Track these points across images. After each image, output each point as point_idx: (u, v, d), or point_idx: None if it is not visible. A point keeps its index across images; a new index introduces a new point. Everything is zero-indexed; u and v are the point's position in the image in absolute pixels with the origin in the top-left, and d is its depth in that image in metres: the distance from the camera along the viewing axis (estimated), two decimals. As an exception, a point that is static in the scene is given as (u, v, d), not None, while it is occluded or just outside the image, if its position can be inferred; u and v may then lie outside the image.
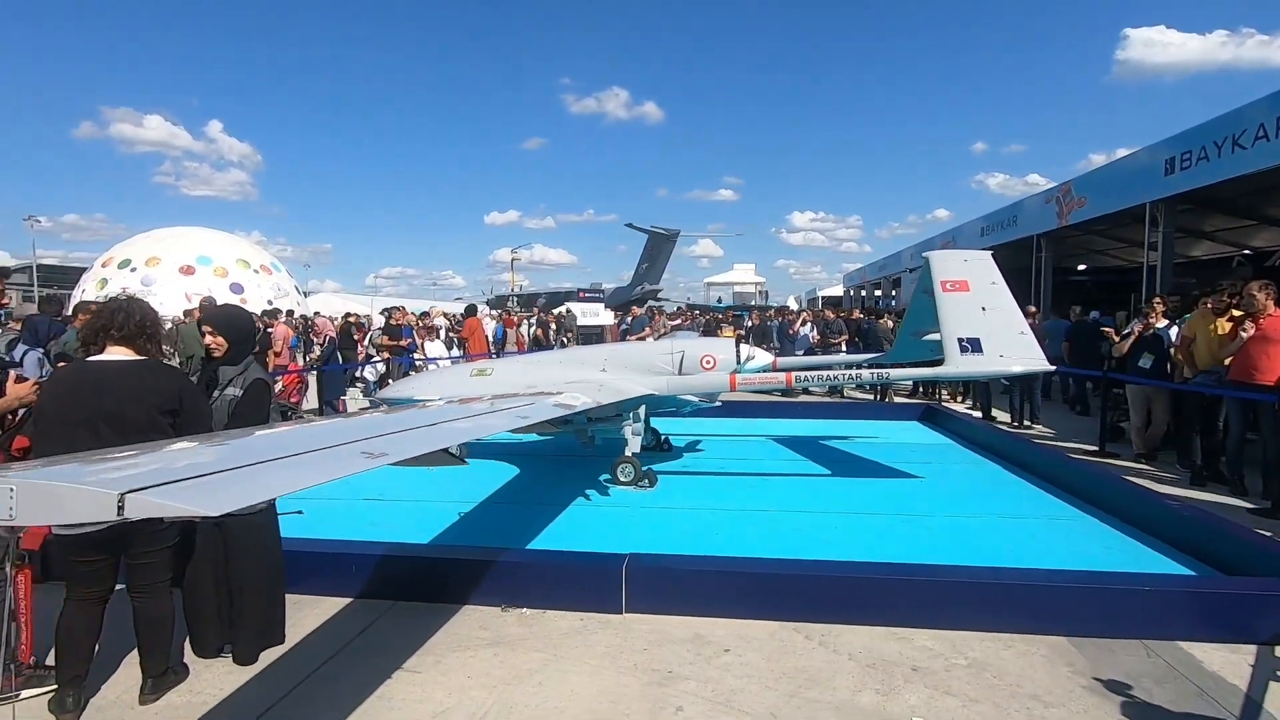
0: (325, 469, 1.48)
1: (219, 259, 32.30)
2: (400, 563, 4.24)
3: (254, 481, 1.20)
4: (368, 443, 1.63)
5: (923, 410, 10.79)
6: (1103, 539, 5.31)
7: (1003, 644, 3.66)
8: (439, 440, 2.03)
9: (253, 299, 28.51)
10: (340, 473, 1.53)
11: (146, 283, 29.59)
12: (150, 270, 30.44)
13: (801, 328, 14.68)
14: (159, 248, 31.82)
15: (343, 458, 1.56)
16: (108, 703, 3.15)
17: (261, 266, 34.07)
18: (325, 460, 1.54)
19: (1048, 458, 7.23)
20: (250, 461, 1.32)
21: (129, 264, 30.74)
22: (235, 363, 3.54)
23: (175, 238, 33.20)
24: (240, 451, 1.42)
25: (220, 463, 1.29)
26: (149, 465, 1.29)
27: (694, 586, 4.02)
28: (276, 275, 34.72)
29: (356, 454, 1.57)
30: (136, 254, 31.38)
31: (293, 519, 4.30)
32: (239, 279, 31.77)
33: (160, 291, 27.70)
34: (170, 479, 1.09)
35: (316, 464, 1.49)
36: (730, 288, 57.54)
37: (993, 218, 20.11)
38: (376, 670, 3.40)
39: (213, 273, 31.48)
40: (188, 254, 31.60)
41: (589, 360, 7.34)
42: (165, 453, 1.87)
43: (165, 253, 31.40)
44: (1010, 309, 6.59)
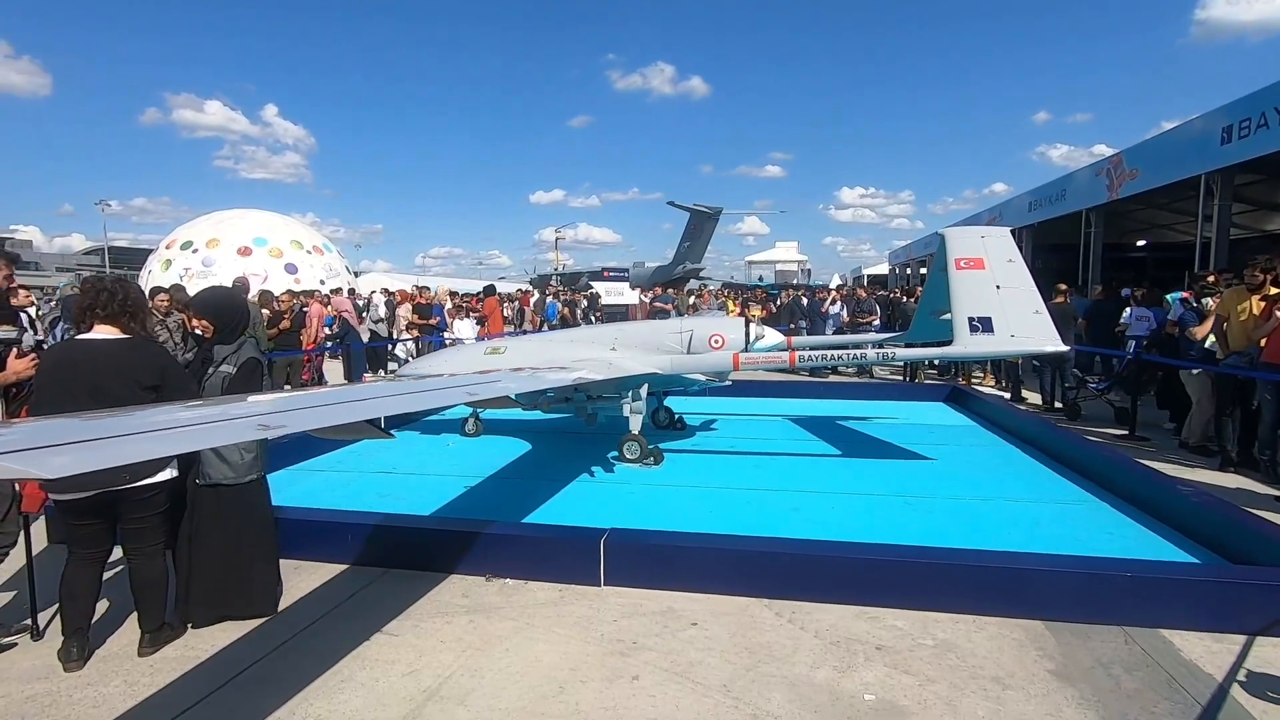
0: (205, 438, 1.59)
1: (274, 240, 33.54)
2: (392, 533, 4.43)
3: (110, 450, 1.30)
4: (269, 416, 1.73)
5: (949, 391, 10.56)
6: (1110, 525, 5.16)
7: (975, 626, 3.63)
8: (349, 414, 2.12)
9: (306, 279, 29.57)
10: (224, 440, 1.65)
11: (207, 263, 30.99)
12: (210, 251, 31.83)
13: (831, 306, 14.45)
14: (218, 230, 33.18)
15: (235, 429, 1.67)
16: (111, 654, 3.42)
17: (314, 247, 35.21)
18: (214, 431, 1.65)
19: (1067, 441, 7.01)
20: (127, 432, 1.43)
21: (191, 245, 32.19)
22: (228, 342, 3.72)
23: (233, 220, 34.55)
24: (130, 422, 1.53)
25: (96, 430, 1.40)
26: (20, 431, 1.42)
27: (670, 562, 4.09)
28: (328, 255, 35.83)
29: (251, 426, 1.69)
30: (198, 236, 32.81)
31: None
32: (293, 259, 32.95)
33: (220, 272, 28.97)
34: (25, 445, 1.20)
35: (199, 434, 1.61)
36: (772, 266, 56.71)
37: (1040, 192, 19.30)
38: (358, 632, 3.59)
39: (268, 253, 32.73)
40: (245, 235, 32.90)
41: (600, 339, 7.41)
42: (56, 421, 2.01)
43: (224, 234, 32.75)
44: (1026, 287, 6.38)
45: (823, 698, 3.03)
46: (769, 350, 7.21)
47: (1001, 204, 23.17)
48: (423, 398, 3.35)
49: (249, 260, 31.86)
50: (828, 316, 14.33)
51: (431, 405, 3.58)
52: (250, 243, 32.50)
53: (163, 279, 29.21)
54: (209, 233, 32.82)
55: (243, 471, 3.72)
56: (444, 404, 3.65)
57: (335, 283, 27.40)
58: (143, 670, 3.26)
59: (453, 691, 3.07)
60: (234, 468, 3.69)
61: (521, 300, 14.84)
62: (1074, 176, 17.38)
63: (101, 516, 3.27)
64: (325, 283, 27.00)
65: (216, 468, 3.66)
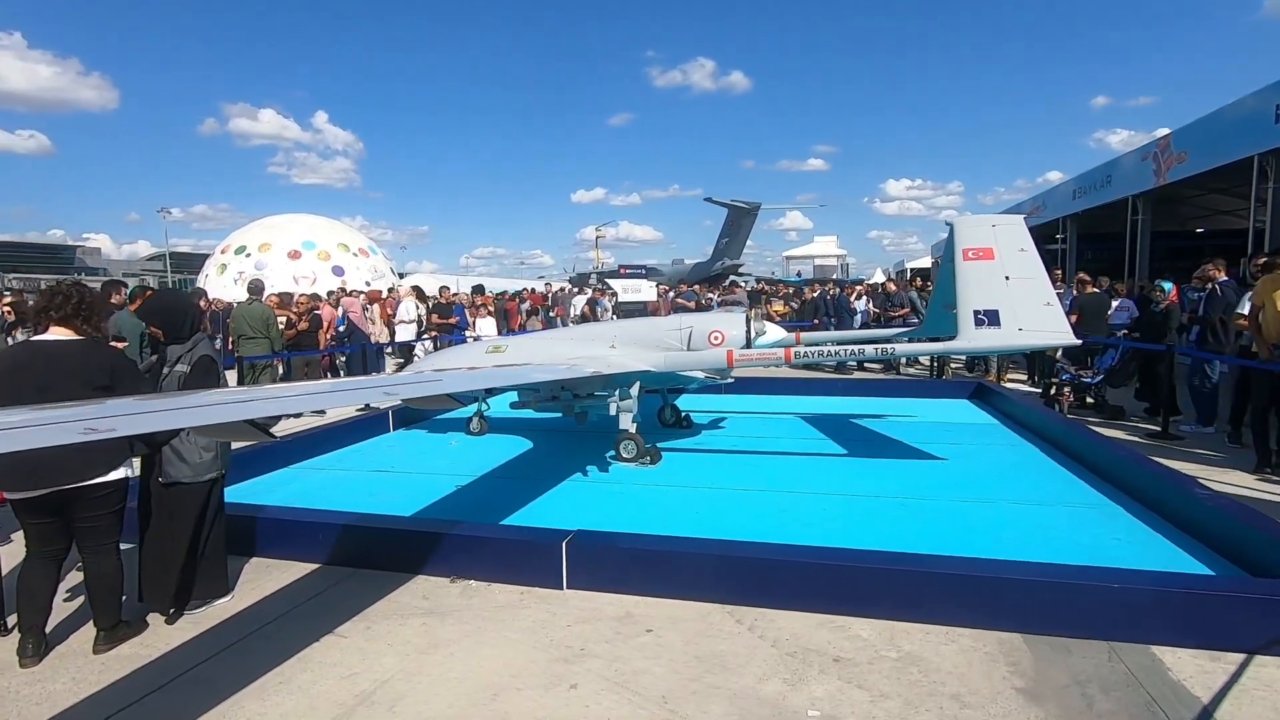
0: (23, 441, 1.56)
1: (322, 243, 34.59)
2: (360, 533, 4.42)
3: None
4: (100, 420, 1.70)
5: (974, 388, 10.13)
6: (1122, 530, 4.83)
7: (947, 638, 3.42)
8: (199, 418, 2.07)
9: (352, 280, 30.39)
10: (40, 443, 1.61)
11: (259, 266, 32.13)
12: (262, 255, 33.02)
13: (857, 302, 14.04)
14: (270, 234, 34.38)
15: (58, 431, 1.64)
16: (70, 651, 3.48)
17: (360, 250, 36.19)
18: (35, 433, 1.63)
19: (1089, 440, 6.61)
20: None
21: (244, 250, 33.45)
22: (181, 341, 3.76)
23: (284, 225, 35.74)
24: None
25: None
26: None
27: (634, 565, 3.98)
28: (373, 258, 36.78)
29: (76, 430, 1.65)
30: (251, 240, 34.06)
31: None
32: (340, 262, 33.93)
33: (271, 274, 30.03)
34: None
35: (18, 437, 1.59)
36: (810, 261, 55.74)
37: (1085, 179, 18.42)
38: (309, 633, 3.58)
39: (317, 256, 33.79)
40: (295, 239, 34.02)
41: (599, 336, 7.33)
42: None
43: (275, 239, 33.92)
44: (1037, 278, 6.03)
45: (764, 712, 2.87)
46: (770, 346, 6.99)
47: (1045, 192, 22.23)
48: (321, 398, 3.31)
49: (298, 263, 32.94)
50: (855, 312, 13.93)
51: (330, 405, 3.50)
52: (299, 246, 33.58)
53: (218, 282, 30.42)
54: (261, 237, 34.03)
55: (202, 470, 3.76)
56: (356, 403, 3.59)
57: (380, 284, 28.04)
58: (94, 668, 3.30)
59: (385, 697, 3.02)
60: (193, 467, 3.73)
61: (533, 300, 14.86)
62: (1119, 161, 16.52)
63: (55, 514, 3.33)
64: (370, 284, 27.65)
65: (176, 467, 3.70)
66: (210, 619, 3.77)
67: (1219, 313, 7.60)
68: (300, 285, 27.14)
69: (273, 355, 9.12)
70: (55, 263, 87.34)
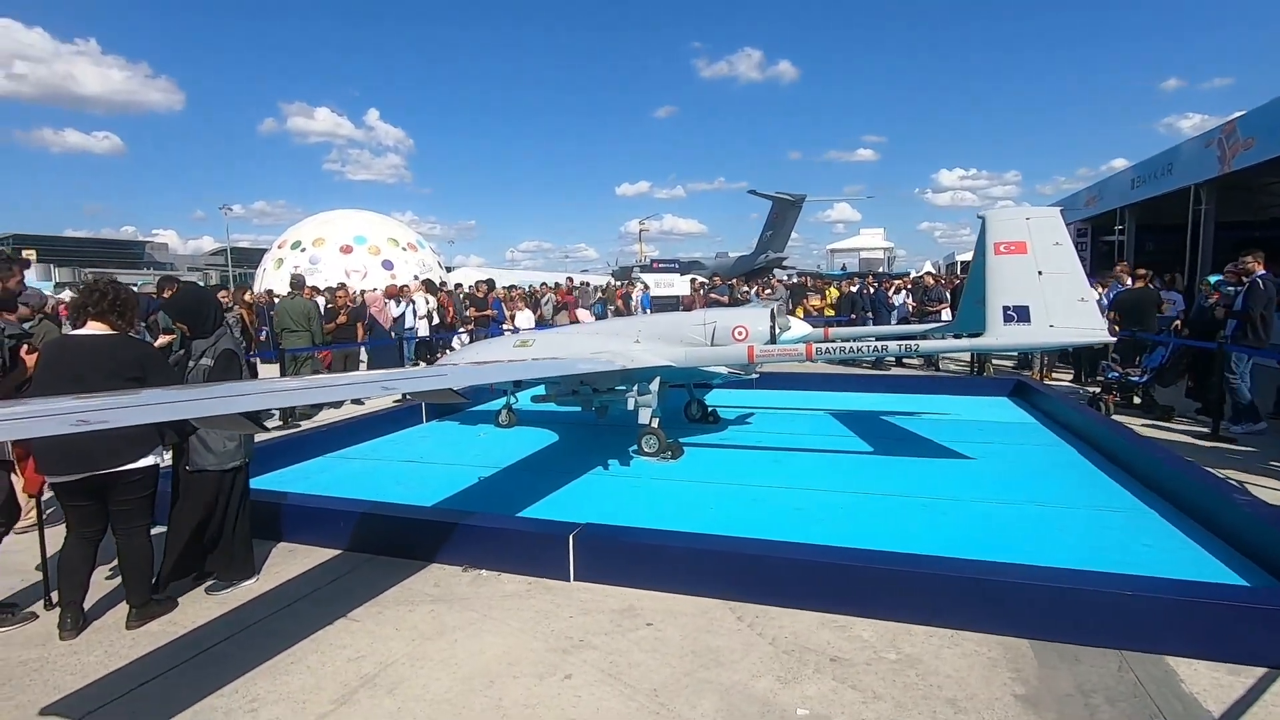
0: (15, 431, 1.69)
1: (372, 238, 35.52)
2: (379, 521, 4.57)
3: None
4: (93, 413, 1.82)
5: (1013, 386, 9.83)
6: (1152, 536, 4.65)
7: (950, 642, 3.36)
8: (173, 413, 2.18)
9: (401, 274, 31.21)
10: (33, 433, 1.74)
11: (313, 260, 33.22)
12: (316, 250, 34.09)
13: (896, 296, 13.73)
14: (323, 229, 35.45)
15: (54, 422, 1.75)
16: (106, 625, 3.71)
17: (409, 244, 37.01)
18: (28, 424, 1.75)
19: (1126, 441, 6.36)
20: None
21: (299, 245, 34.54)
22: (205, 336, 3.94)
23: (336, 220, 36.80)
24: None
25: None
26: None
27: (639, 559, 4.01)
28: (421, 252, 37.58)
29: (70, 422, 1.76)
30: (305, 236, 35.17)
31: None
32: (389, 256, 34.79)
33: (324, 268, 31.03)
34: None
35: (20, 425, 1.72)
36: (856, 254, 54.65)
37: (1145, 167, 17.58)
38: (325, 616, 3.73)
39: (367, 251, 34.71)
40: (347, 234, 34.98)
41: (623, 331, 7.37)
42: None
43: (328, 234, 34.95)
44: (1072, 273, 5.82)
45: (753, 709, 2.88)
46: (796, 342, 6.92)
47: (1101, 182, 21.30)
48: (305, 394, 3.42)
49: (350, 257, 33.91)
50: (893, 307, 13.65)
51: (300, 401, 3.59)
52: (351, 241, 34.52)
53: (275, 276, 31.53)
54: (315, 232, 35.09)
55: (226, 459, 3.95)
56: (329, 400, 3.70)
57: (429, 276, 28.72)
58: (125, 643, 3.51)
59: (387, 680, 3.13)
60: (218, 456, 3.92)
61: (559, 295, 15.00)
62: (1181, 148, 15.72)
63: (92, 498, 3.54)
64: (418, 277, 28.36)
65: (202, 455, 3.90)
66: (235, 600, 3.96)
67: (1260, 308, 7.21)
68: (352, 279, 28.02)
69: (314, 348, 9.45)
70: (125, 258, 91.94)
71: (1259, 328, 7.26)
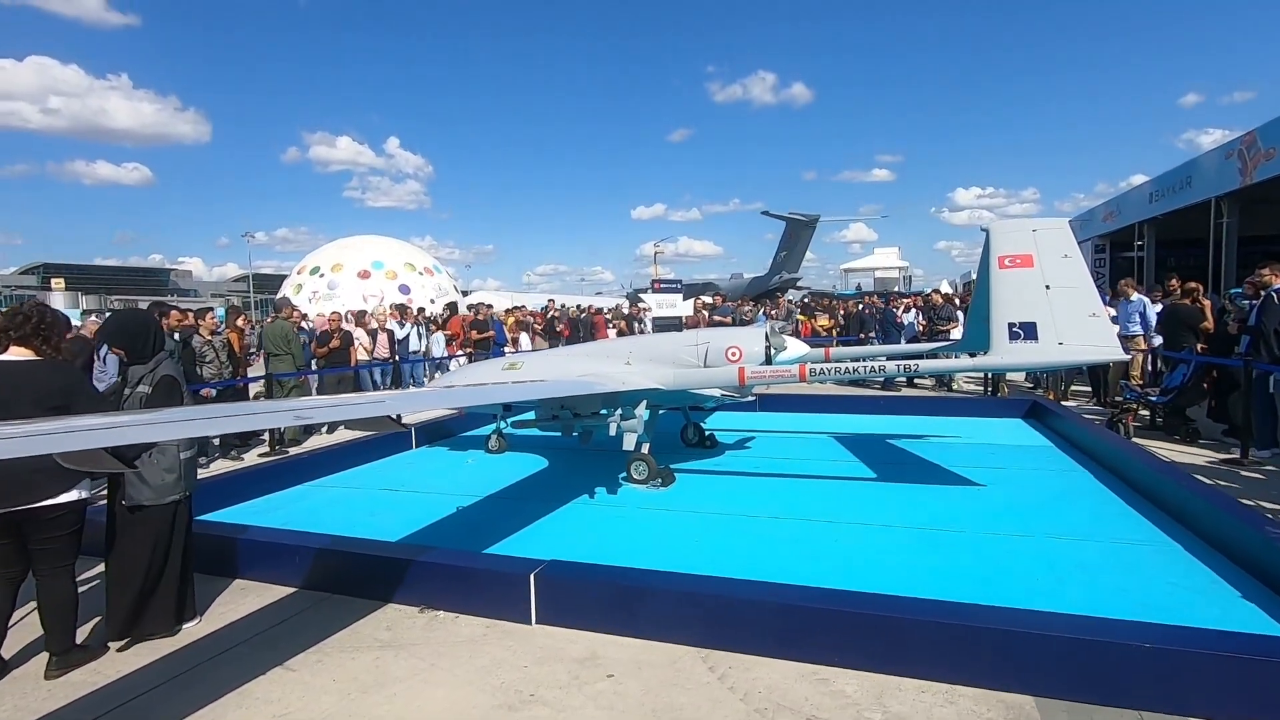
0: None
1: (390, 263, 35.75)
2: (334, 557, 4.28)
3: None
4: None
5: (1028, 406, 9.38)
6: (1177, 574, 4.23)
7: (946, 698, 2.98)
8: (54, 445, 1.93)
9: (417, 298, 31.35)
10: None
11: (332, 286, 33.47)
12: (335, 275, 34.35)
13: (905, 315, 13.32)
14: (341, 255, 35.74)
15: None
16: (25, 674, 3.43)
17: (425, 269, 37.21)
18: None
19: (1148, 467, 5.91)
20: None
21: (318, 270, 34.83)
22: (144, 361, 3.71)
23: (355, 246, 37.13)
24: None
25: None
26: None
27: (607, 601, 3.68)
28: (437, 276, 37.76)
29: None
30: (324, 261, 35.47)
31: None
32: (406, 280, 34.98)
33: (342, 293, 31.23)
34: None
35: None
36: (871, 273, 54.10)
37: (1163, 180, 17.11)
38: (260, 664, 3.43)
39: (385, 275, 34.91)
40: (365, 260, 35.23)
41: (615, 353, 7.09)
42: None
43: (347, 259, 35.23)
44: (1081, 287, 5.45)
45: (713, 781, 2.53)
46: (791, 362, 6.59)
47: (1119, 197, 20.81)
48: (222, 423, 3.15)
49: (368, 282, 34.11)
50: (902, 326, 13.24)
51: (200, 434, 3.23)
52: (369, 266, 34.74)
53: (295, 301, 31.81)
54: (334, 258, 35.38)
55: (164, 493, 3.68)
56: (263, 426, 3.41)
57: (445, 300, 28.72)
58: (40, 694, 3.24)
59: (309, 741, 2.82)
60: (155, 489, 3.66)
61: (537, 318, 14.75)
62: (1200, 161, 15.26)
63: (8, 536, 3.29)
64: (435, 301, 28.39)
65: (138, 489, 3.64)
66: (170, 644, 3.68)
67: (1275, 323, 6.77)
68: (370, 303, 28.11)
69: (299, 373, 9.26)
70: (151, 285, 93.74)
71: (1272, 343, 6.81)
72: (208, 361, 8.07)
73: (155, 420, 2.42)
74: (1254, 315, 7.24)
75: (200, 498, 5.90)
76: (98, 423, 2.56)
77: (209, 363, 8.06)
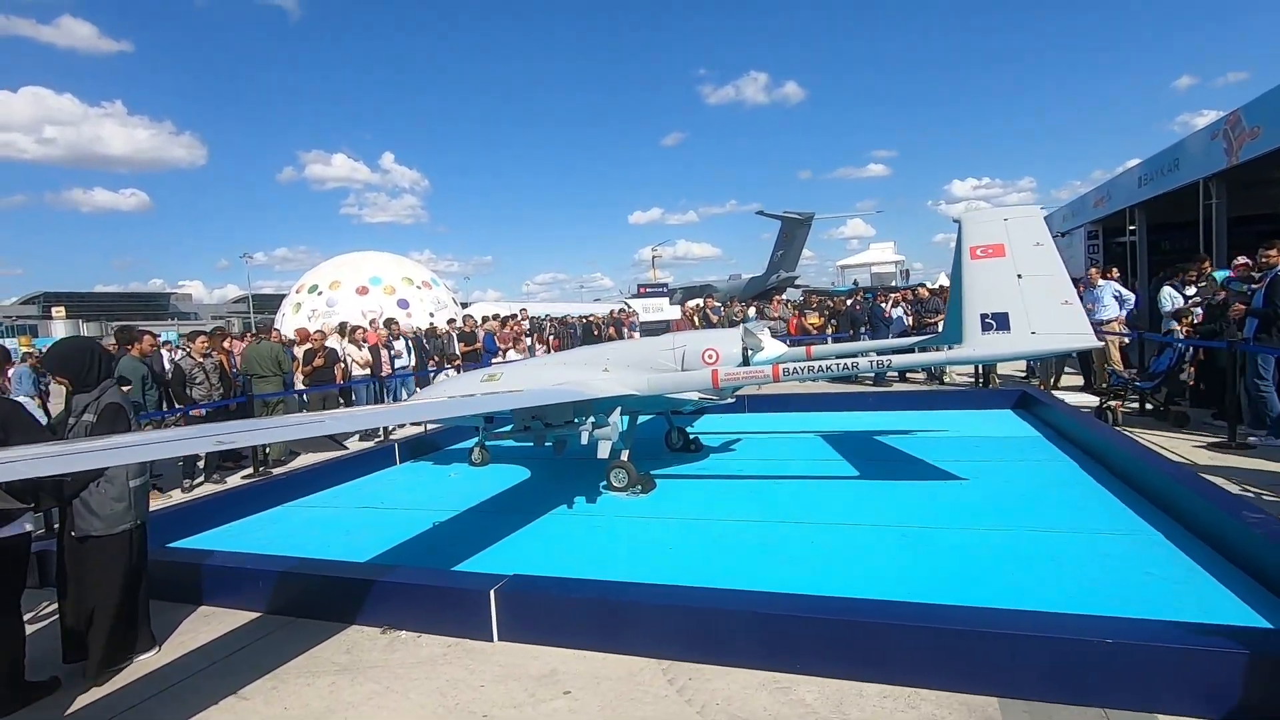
0: None
1: (388, 278, 35.64)
2: (297, 580, 4.22)
3: None
4: None
5: (1018, 397, 9.28)
6: (1158, 565, 4.13)
7: (908, 703, 2.91)
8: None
9: (416, 313, 31.38)
10: None
11: (330, 303, 33.39)
12: (333, 293, 34.26)
13: (894, 310, 13.23)
14: (339, 272, 35.66)
15: None
16: (-24, 712, 3.37)
17: (423, 282, 37.09)
18: None
19: (1132, 455, 5.81)
20: None
21: (316, 288, 34.74)
22: (88, 389, 3.65)
23: (352, 262, 37.03)
24: None
25: None
26: None
27: (568, 616, 3.61)
28: (435, 289, 37.68)
29: None
30: (322, 279, 35.40)
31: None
32: (404, 295, 34.96)
33: (341, 310, 31.21)
34: None
35: None
36: (867, 269, 54.04)
37: (1151, 164, 16.97)
38: (213, 693, 3.37)
39: (383, 291, 34.87)
40: (362, 276, 35.11)
41: (592, 360, 7.03)
42: None
43: (344, 276, 35.14)
44: (1054, 275, 5.38)
45: (660, 801, 2.45)
46: (765, 363, 6.52)
47: (1109, 182, 20.68)
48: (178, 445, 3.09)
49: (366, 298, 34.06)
50: (890, 321, 13.15)
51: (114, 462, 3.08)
52: (367, 282, 34.63)
53: (294, 321, 31.73)
54: (331, 275, 35.32)
55: (114, 523, 3.63)
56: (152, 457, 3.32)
57: (444, 314, 28.75)
58: (-15, 733, 3.17)
59: (252, 773, 2.75)
60: (104, 520, 3.60)
61: (514, 327, 14.63)
62: (1186, 143, 15.14)
63: None
64: (434, 315, 28.38)
65: (87, 520, 3.58)
66: (125, 677, 3.62)
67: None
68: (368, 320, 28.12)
69: (285, 392, 9.22)
70: (151, 310, 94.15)
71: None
72: (198, 383, 8.04)
73: (65, 452, 2.35)
74: (1259, 297, 7.11)
75: (176, 523, 5.94)
76: (30, 453, 2.50)
77: (199, 384, 8.04)
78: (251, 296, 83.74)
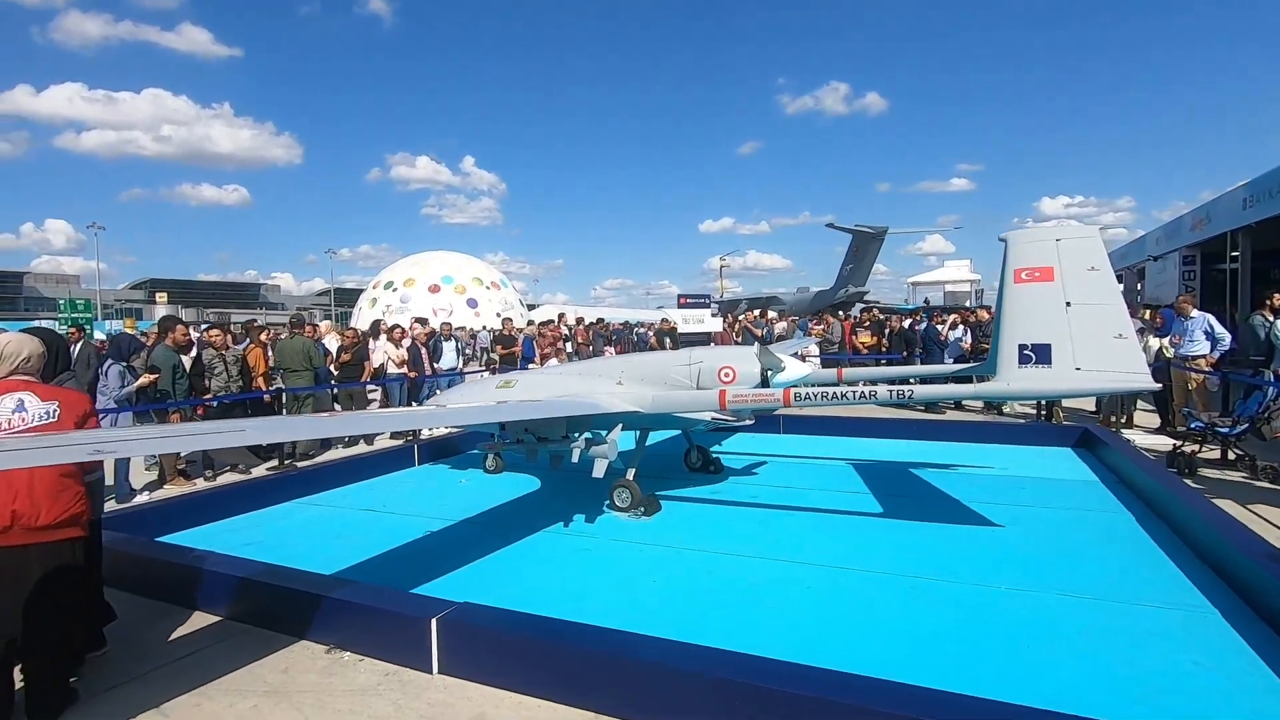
0: None
1: (459, 278, 36.67)
2: (253, 587, 4.08)
3: None
4: None
5: (1079, 435, 8.44)
6: (1209, 651, 3.50)
7: (863, 804, 2.47)
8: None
9: (484, 312, 32.04)
10: None
11: (404, 300, 34.56)
12: (407, 290, 35.47)
13: (951, 332, 12.36)
14: (413, 270, 36.91)
15: None
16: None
17: (492, 283, 38.01)
18: None
19: (1195, 513, 5.06)
20: None
21: (391, 285, 36.05)
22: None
23: (426, 261, 38.31)
24: None
25: None
26: None
27: (510, 652, 3.32)
28: (503, 290, 38.51)
29: None
30: (397, 276, 36.71)
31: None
32: (474, 295, 35.82)
33: (414, 307, 32.17)
34: None
35: None
36: (940, 287, 51.71)
37: (1258, 184, 15.40)
38: (139, 704, 3.24)
39: (454, 290, 35.88)
40: (435, 275, 36.26)
41: (606, 372, 6.76)
42: None
43: (418, 274, 36.34)
44: (1109, 304, 4.77)
45: None
46: (787, 385, 6.07)
47: (1210, 203, 18.95)
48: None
49: (437, 296, 35.08)
50: (946, 343, 12.31)
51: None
52: (439, 280, 35.73)
53: (370, 314, 32.93)
54: (406, 273, 36.56)
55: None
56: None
57: (510, 314, 29.20)
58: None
59: (131, 805, 2.57)
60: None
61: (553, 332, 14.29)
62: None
63: None
64: (500, 314, 28.86)
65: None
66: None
67: None
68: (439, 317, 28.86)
69: (316, 387, 9.32)
70: (243, 299, 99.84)
71: None
72: (216, 374, 8.19)
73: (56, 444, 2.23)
74: None
75: (178, 514, 5.99)
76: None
77: (217, 375, 8.19)
78: (334, 290, 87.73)
